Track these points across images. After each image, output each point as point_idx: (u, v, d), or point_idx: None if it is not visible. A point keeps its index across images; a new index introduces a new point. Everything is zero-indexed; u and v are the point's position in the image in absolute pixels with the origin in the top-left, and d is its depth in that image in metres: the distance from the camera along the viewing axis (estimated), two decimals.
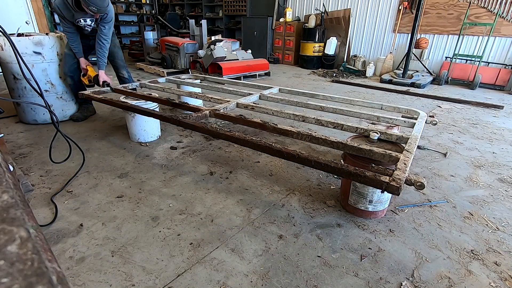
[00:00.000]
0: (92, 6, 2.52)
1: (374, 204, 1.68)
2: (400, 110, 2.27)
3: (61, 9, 2.68)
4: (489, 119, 3.72)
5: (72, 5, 2.63)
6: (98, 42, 2.91)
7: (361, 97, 4.65)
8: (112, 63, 3.32)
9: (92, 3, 2.51)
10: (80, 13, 2.71)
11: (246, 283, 1.30)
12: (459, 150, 2.75)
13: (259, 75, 5.98)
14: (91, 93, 2.55)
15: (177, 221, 1.67)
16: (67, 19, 2.74)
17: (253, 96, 2.54)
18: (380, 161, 1.52)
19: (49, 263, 0.27)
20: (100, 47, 2.92)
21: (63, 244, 1.49)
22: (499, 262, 1.45)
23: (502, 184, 2.17)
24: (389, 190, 1.22)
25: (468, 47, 5.85)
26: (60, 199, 1.84)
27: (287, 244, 1.53)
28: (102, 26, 2.85)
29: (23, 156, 2.39)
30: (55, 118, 1.79)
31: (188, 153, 2.52)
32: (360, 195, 1.68)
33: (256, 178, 2.15)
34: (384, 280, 1.33)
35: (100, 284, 1.27)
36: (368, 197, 1.66)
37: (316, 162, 1.43)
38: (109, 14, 2.82)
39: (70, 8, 2.66)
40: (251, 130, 2.96)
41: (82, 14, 2.73)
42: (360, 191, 1.67)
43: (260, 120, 1.94)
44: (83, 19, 2.78)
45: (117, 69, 3.35)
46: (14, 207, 0.32)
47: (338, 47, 7.23)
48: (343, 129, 1.86)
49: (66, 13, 2.70)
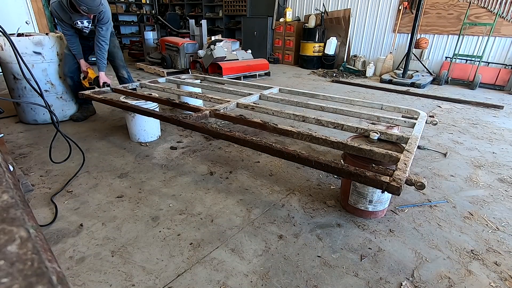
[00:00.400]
0: (83, 6, 2.50)
1: (374, 204, 1.68)
2: (400, 110, 2.27)
3: (58, 11, 2.67)
4: (489, 119, 3.72)
5: (68, 6, 2.62)
6: (96, 44, 2.89)
7: (361, 97, 4.65)
8: (112, 63, 3.31)
9: (82, 3, 2.49)
10: (77, 15, 2.71)
11: (246, 283, 1.30)
12: (459, 150, 2.75)
13: (259, 75, 5.98)
14: (91, 93, 2.55)
15: (177, 221, 1.67)
16: (65, 21, 2.74)
17: (253, 96, 2.53)
18: (380, 161, 1.52)
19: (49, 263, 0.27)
20: (99, 48, 2.91)
21: (63, 244, 1.49)
22: (499, 262, 1.45)
23: (502, 184, 2.17)
24: (389, 190, 1.22)
25: (468, 47, 5.85)
26: (60, 199, 1.84)
27: (287, 244, 1.53)
28: (99, 28, 2.83)
29: (23, 156, 2.39)
30: (55, 118, 1.79)
31: (188, 153, 2.52)
32: (360, 195, 1.68)
33: (256, 178, 2.15)
34: (384, 280, 1.33)
35: (100, 284, 1.27)
36: (368, 197, 1.66)
37: (316, 162, 1.43)
38: (105, 15, 2.80)
39: (67, 10, 2.66)
40: (251, 130, 2.96)
41: (78, 16, 2.72)
42: (360, 191, 1.67)
43: (260, 120, 1.94)
44: (80, 21, 2.78)
45: (116, 69, 3.34)
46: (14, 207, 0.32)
47: (338, 47, 7.23)
48: (343, 129, 1.86)
49: (63, 15, 2.69)
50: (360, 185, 1.66)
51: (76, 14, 2.70)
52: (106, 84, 2.91)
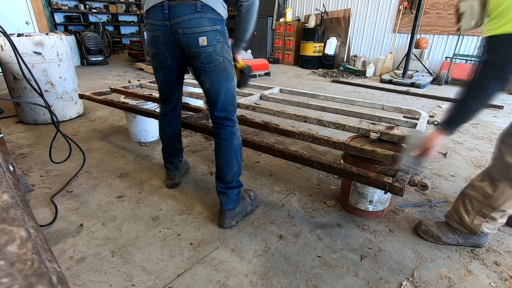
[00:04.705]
0: None
1: (375, 204, 1.68)
2: (401, 110, 2.26)
3: None
4: (489, 119, 3.72)
5: None
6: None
7: (361, 97, 4.65)
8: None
9: None
10: None
11: (246, 283, 1.29)
12: (459, 150, 2.75)
13: (259, 75, 5.98)
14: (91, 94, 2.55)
15: (177, 221, 1.67)
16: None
17: (254, 96, 2.53)
18: (381, 161, 1.52)
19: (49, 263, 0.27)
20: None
21: (63, 244, 1.49)
22: (499, 262, 1.45)
23: None
24: (392, 191, 1.22)
25: (468, 47, 5.85)
26: (60, 199, 1.84)
27: (287, 244, 1.53)
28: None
29: (23, 156, 2.39)
30: (55, 118, 1.79)
31: (188, 153, 2.52)
32: (361, 195, 1.68)
33: (256, 178, 2.15)
34: (384, 280, 1.33)
35: (100, 284, 1.27)
36: (369, 197, 1.66)
37: (318, 163, 1.43)
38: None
39: None
40: (251, 130, 2.96)
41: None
42: (361, 191, 1.67)
43: (261, 121, 1.94)
44: None
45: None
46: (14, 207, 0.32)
47: (338, 47, 7.23)
48: (345, 129, 1.86)
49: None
50: (360, 185, 1.66)
51: None
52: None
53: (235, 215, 1.63)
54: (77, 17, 8.78)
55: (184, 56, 1.46)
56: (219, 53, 1.42)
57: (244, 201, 1.71)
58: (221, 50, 1.42)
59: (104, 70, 6.38)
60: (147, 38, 1.50)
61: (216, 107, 1.52)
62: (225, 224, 1.61)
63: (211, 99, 1.51)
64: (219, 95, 1.48)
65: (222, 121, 1.55)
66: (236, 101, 1.58)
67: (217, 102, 1.50)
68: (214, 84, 1.46)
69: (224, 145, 1.56)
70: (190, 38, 1.36)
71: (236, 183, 1.63)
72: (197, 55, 1.39)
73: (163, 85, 1.69)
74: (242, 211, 1.68)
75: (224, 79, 1.46)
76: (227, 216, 1.60)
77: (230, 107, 1.54)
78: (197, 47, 1.37)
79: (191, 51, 1.39)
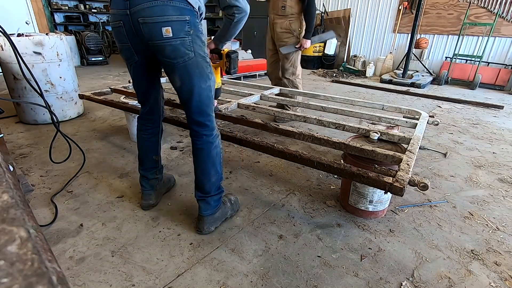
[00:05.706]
0: None
1: (375, 204, 1.68)
2: (401, 110, 2.26)
3: None
4: (489, 119, 3.72)
5: None
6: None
7: (361, 97, 4.66)
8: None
9: None
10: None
11: (246, 283, 1.29)
12: (459, 150, 2.75)
13: (259, 75, 5.98)
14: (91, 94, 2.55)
15: (177, 221, 1.67)
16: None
17: (254, 96, 2.53)
18: (381, 161, 1.52)
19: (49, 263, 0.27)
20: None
21: (63, 244, 1.49)
22: (499, 262, 1.45)
23: (502, 184, 2.17)
24: (392, 191, 1.22)
25: (468, 47, 5.85)
26: (60, 199, 1.84)
27: (287, 244, 1.53)
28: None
29: (23, 156, 2.39)
30: (55, 118, 1.79)
31: (188, 153, 2.52)
32: (361, 195, 1.68)
33: (256, 178, 2.15)
34: (384, 280, 1.33)
35: (100, 284, 1.27)
36: (369, 197, 1.66)
37: (318, 163, 1.43)
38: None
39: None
40: (250, 130, 2.96)
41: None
42: (361, 191, 1.67)
43: (261, 121, 1.94)
44: None
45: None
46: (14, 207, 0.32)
47: (338, 47, 7.23)
48: (345, 129, 1.86)
49: None
50: (360, 185, 1.66)
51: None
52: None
53: (214, 221, 1.56)
54: (77, 17, 8.77)
55: (149, 50, 1.30)
56: (188, 47, 1.25)
57: (225, 206, 1.64)
58: (191, 44, 1.25)
59: (104, 70, 6.38)
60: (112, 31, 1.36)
61: (191, 109, 1.37)
62: (204, 230, 1.54)
63: (183, 99, 1.37)
64: (192, 94, 1.33)
65: (199, 128, 1.42)
66: (213, 105, 1.43)
67: (190, 102, 1.35)
68: (185, 82, 1.31)
69: (201, 156, 1.46)
70: (152, 28, 1.19)
71: (216, 191, 1.54)
72: (161, 48, 1.23)
73: (135, 84, 1.55)
74: (222, 217, 1.62)
75: (197, 77, 1.30)
76: (206, 221, 1.54)
77: (206, 109, 1.39)
78: (161, 38, 1.20)
79: (155, 43, 1.23)
